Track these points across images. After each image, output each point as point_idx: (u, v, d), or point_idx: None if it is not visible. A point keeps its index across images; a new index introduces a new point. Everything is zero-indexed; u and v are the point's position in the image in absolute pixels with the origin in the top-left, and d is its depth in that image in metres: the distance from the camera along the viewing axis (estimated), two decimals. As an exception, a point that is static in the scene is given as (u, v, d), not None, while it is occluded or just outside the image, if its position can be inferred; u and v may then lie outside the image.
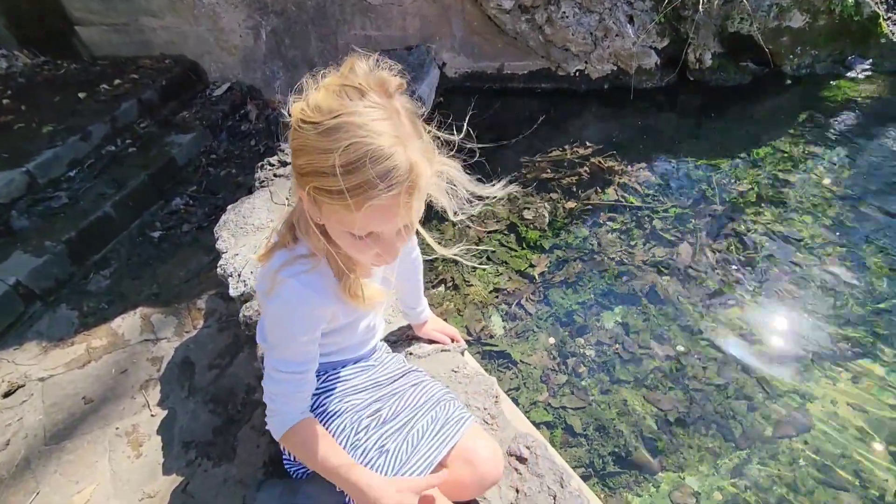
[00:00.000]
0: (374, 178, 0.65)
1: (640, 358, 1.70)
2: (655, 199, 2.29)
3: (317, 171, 0.68)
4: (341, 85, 0.69)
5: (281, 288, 0.80)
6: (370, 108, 0.67)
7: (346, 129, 0.65)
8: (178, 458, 1.51)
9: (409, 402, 1.04)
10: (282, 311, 0.83)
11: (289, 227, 0.85)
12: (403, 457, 0.94)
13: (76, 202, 2.37)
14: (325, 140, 0.66)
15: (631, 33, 2.76)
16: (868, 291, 1.81)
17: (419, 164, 0.69)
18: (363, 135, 0.65)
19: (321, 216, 0.75)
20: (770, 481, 1.39)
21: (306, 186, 0.70)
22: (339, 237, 0.77)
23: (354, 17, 3.02)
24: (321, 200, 0.71)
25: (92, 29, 3.34)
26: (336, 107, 0.67)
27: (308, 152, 0.68)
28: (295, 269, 0.81)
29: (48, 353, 1.88)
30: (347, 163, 0.65)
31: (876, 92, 2.74)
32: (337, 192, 0.66)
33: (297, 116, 0.70)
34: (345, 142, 0.65)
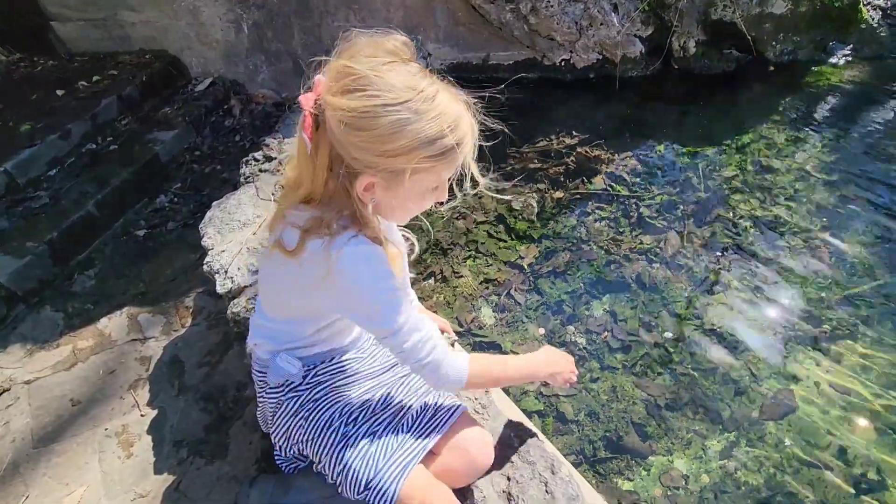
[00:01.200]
0: (465, 133, 0.77)
1: (629, 345, 1.72)
2: (642, 188, 2.30)
3: (426, 141, 0.74)
4: (392, 62, 0.74)
5: (346, 255, 0.80)
6: (430, 78, 0.77)
7: (434, 98, 0.74)
8: (169, 457, 1.51)
9: (399, 391, 1.06)
10: (361, 271, 0.82)
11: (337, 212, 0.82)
12: (395, 444, 0.95)
13: (57, 202, 2.33)
14: (427, 112, 0.73)
15: (615, 22, 2.76)
16: (850, 274, 1.84)
17: (470, 111, 0.81)
18: (447, 98, 0.76)
19: (389, 189, 0.79)
20: (757, 462, 1.42)
21: (412, 161, 0.74)
22: (405, 203, 0.84)
23: (338, 8, 2.98)
24: (423, 167, 0.76)
25: (69, 25, 3.26)
26: (414, 83, 0.73)
27: (410, 129, 0.72)
28: (345, 236, 0.81)
29: (33, 355, 1.85)
30: (449, 125, 0.75)
31: (857, 77, 2.78)
32: (448, 151, 0.76)
33: (372, 103, 0.71)
34: (441, 107, 0.74)
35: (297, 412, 1.01)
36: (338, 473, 0.95)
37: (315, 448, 0.98)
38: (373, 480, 0.91)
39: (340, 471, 0.94)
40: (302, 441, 1.01)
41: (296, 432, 1.01)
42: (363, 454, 0.94)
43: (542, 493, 0.94)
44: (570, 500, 0.91)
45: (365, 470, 0.92)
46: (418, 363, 0.88)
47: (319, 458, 0.98)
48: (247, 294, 1.45)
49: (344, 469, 0.94)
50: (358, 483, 0.92)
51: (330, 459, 0.96)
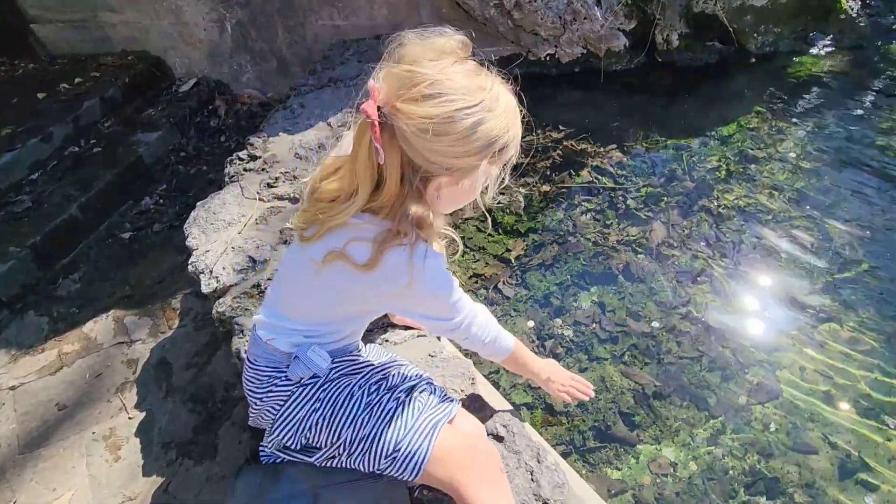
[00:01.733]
0: (519, 124, 0.82)
1: (617, 336, 1.73)
2: (628, 180, 2.31)
3: (498, 136, 0.77)
4: (455, 62, 0.77)
5: (430, 268, 0.85)
6: (486, 72, 0.80)
7: (499, 94, 0.79)
8: (158, 459, 1.50)
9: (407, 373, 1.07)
10: (439, 282, 0.90)
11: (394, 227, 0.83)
12: (419, 407, 0.97)
13: (40, 205, 2.30)
14: (497, 109, 0.77)
15: (599, 16, 2.77)
16: (832, 261, 1.86)
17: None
18: (505, 91, 0.81)
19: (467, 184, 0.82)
20: (744, 448, 1.43)
21: (485, 158, 0.78)
22: (460, 199, 0.87)
23: (322, 6, 2.97)
24: (494, 161, 0.80)
25: (48, 27, 3.22)
26: (481, 83, 0.77)
27: (485, 128, 0.75)
28: (422, 248, 0.84)
29: (18, 360, 1.83)
30: (514, 110, 0.81)
31: (837, 67, 2.81)
32: (511, 144, 0.81)
33: (450, 108, 0.72)
34: (505, 102, 0.79)
35: (313, 395, 0.99)
36: (360, 442, 0.93)
37: (332, 424, 0.95)
38: (402, 441, 0.90)
39: (364, 437, 0.92)
40: (317, 422, 0.97)
41: (310, 416, 0.98)
42: (390, 417, 0.93)
43: (527, 482, 0.94)
44: (556, 488, 0.92)
45: (393, 432, 0.91)
46: (482, 342, 1.01)
47: (338, 434, 0.95)
48: (232, 293, 1.44)
49: (369, 435, 0.92)
50: (386, 446, 0.91)
51: (352, 430, 0.93)
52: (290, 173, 1.88)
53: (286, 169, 1.90)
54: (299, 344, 0.97)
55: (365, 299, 0.92)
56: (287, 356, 0.97)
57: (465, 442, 0.94)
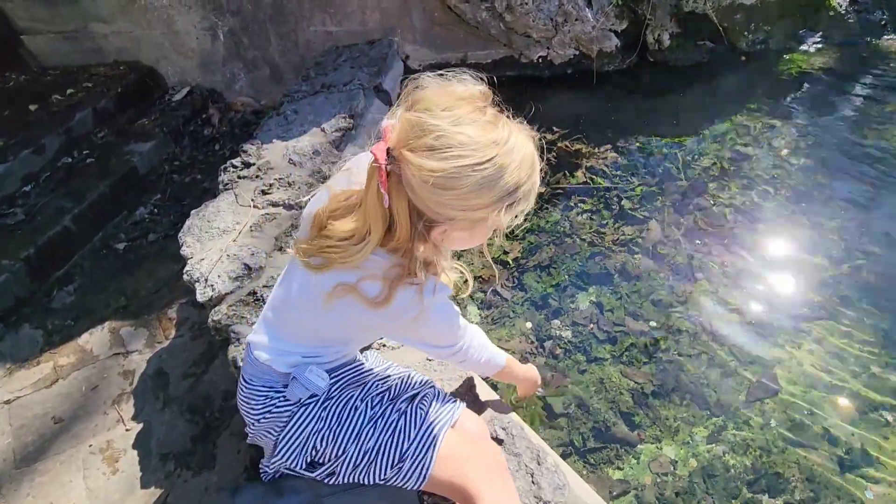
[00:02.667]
0: (538, 165, 0.80)
1: (615, 336, 1.73)
2: (623, 180, 2.32)
3: (512, 189, 0.75)
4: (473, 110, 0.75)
5: (437, 303, 0.89)
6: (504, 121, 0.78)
7: (513, 148, 0.75)
8: (156, 471, 1.48)
9: (406, 382, 1.07)
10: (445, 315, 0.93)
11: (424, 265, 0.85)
12: (420, 418, 0.97)
13: (33, 218, 2.29)
14: (510, 165, 0.74)
15: (590, 17, 2.78)
16: (827, 256, 1.87)
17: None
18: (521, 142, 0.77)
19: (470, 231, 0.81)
20: (743, 445, 1.43)
21: (495, 211, 0.76)
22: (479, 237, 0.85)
23: (313, 12, 2.97)
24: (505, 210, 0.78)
25: (39, 38, 3.21)
26: (495, 137, 0.74)
27: (498, 181, 0.73)
28: (430, 284, 0.86)
29: (13, 374, 1.81)
30: (531, 161, 0.78)
31: (827, 64, 2.83)
32: (529, 193, 0.79)
33: (460, 164, 0.71)
34: (519, 155, 0.75)
35: (316, 414, 0.98)
36: (364, 455, 0.93)
37: (336, 439, 0.95)
38: (407, 451, 0.91)
39: (368, 450, 0.93)
40: (321, 439, 0.97)
41: (314, 435, 0.97)
42: (393, 428, 0.94)
43: (528, 484, 0.94)
44: (557, 490, 0.92)
45: (397, 443, 0.92)
46: (477, 363, 1.05)
47: (343, 448, 0.95)
48: (228, 301, 1.44)
49: (373, 448, 0.93)
50: (391, 458, 0.91)
51: (356, 444, 0.94)
52: (285, 179, 1.88)
53: (280, 175, 1.90)
54: (296, 364, 0.96)
55: (371, 329, 0.95)
56: (284, 376, 0.96)
57: (469, 447, 0.95)
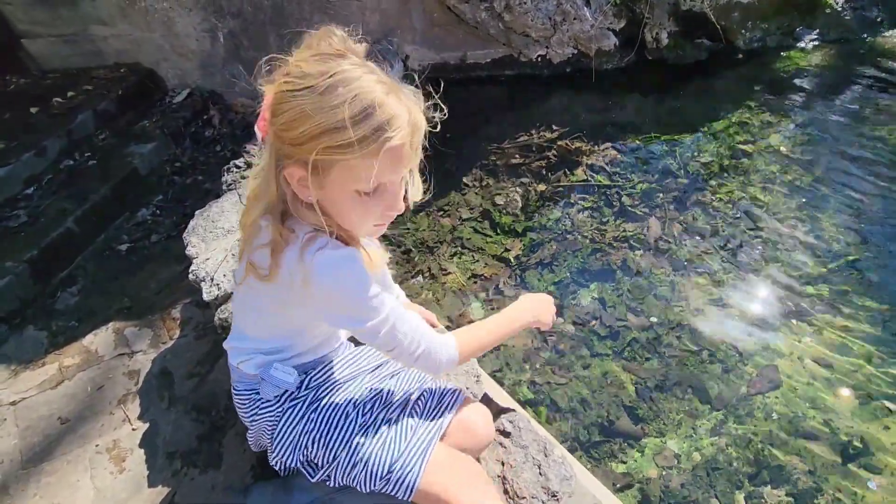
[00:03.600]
0: (384, 123, 0.70)
1: (618, 331, 1.75)
2: (623, 177, 2.34)
3: (327, 129, 0.69)
4: (320, 53, 0.73)
5: (320, 261, 0.77)
6: (356, 66, 0.72)
7: (346, 83, 0.69)
8: (163, 470, 1.49)
9: (400, 382, 1.07)
10: (340, 277, 0.79)
11: (282, 220, 0.81)
12: (411, 427, 0.97)
13: (36, 220, 2.29)
14: (329, 97, 0.69)
15: (588, 16, 2.80)
16: (826, 250, 1.89)
17: (414, 109, 0.75)
18: (363, 86, 0.70)
19: (321, 187, 0.74)
20: (746, 437, 1.45)
21: (314, 151, 0.70)
22: (343, 205, 0.77)
23: (313, 14, 2.99)
24: (333, 161, 0.71)
25: (39, 41, 3.21)
26: (325, 69, 0.70)
27: (310, 115, 0.69)
28: (319, 243, 0.78)
29: (18, 375, 1.82)
30: (357, 112, 0.68)
31: (824, 61, 2.85)
32: (353, 144, 0.69)
33: (282, 89, 0.71)
34: (350, 94, 0.69)
35: (304, 414, 0.99)
36: (354, 464, 0.93)
37: (328, 444, 0.96)
38: (396, 463, 0.91)
39: (358, 460, 0.93)
40: (312, 442, 0.98)
41: (304, 436, 0.99)
42: (383, 440, 0.94)
43: (535, 476, 0.95)
44: (564, 481, 0.93)
45: (386, 455, 0.92)
46: (411, 356, 0.88)
47: (334, 455, 0.95)
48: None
49: (363, 458, 0.93)
50: (380, 469, 0.92)
51: (347, 452, 0.94)
52: (288, 180, 1.89)
53: (283, 175, 1.90)
54: (263, 364, 0.98)
55: (288, 306, 0.87)
56: (256, 378, 0.99)
57: (456, 461, 0.95)
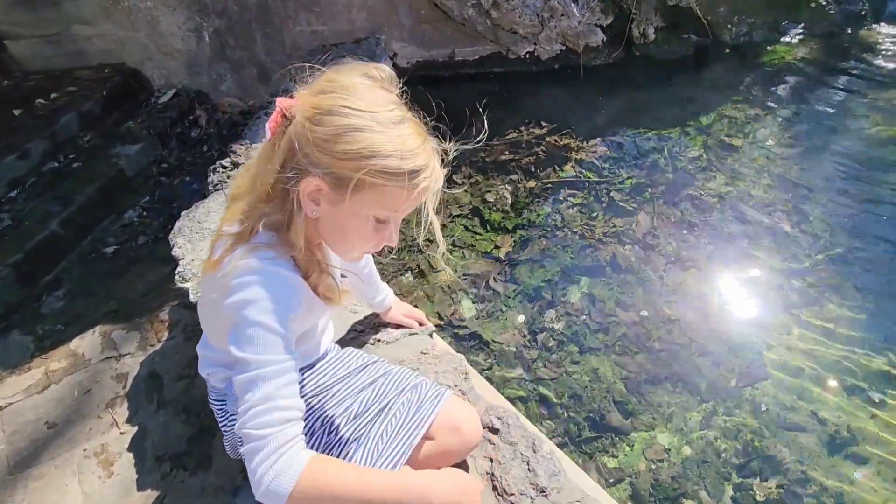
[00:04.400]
0: (424, 165, 0.73)
1: (608, 326, 1.75)
2: (612, 172, 2.34)
3: (384, 154, 0.71)
4: (373, 78, 0.76)
5: (249, 273, 0.72)
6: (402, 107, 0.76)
7: (406, 120, 0.74)
8: (152, 473, 1.47)
9: (379, 391, 1.04)
10: (251, 296, 0.71)
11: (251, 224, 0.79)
12: (381, 444, 0.95)
13: (20, 223, 2.26)
14: (393, 128, 0.72)
15: (576, 12, 2.80)
16: (813, 243, 1.90)
17: (437, 160, 0.78)
18: (416, 125, 0.75)
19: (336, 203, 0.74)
20: (735, 429, 1.46)
21: (361, 170, 0.70)
22: (350, 225, 0.77)
23: (299, 12, 2.96)
24: (375, 184, 0.72)
25: (21, 42, 3.17)
26: (383, 99, 0.74)
27: (372, 136, 0.71)
28: (262, 254, 0.76)
29: (4, 380, 1.79)
30: (413, 148, 0.72)
31: (809, 55, 2.87)
32: (403, 175, 0.71)
33: (336, 103, 0.71)
34: (409, 130, 0.73)
35: None
36: None
37: None
38: None
39: None
40: None
41: None
42: (349, 458, 0.93)
43: (524, 472, 0.95)
44: (552, 477, 0.93)
45: None
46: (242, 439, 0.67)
47: None
48: (221, 301, 1.43)
49: None
50: None
51: None
52: (275, 179, 1.87)
53: (270, 175, 1.89)
54: (226, 379, 0.97)
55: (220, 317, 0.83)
56: (222, 392, 0.99)
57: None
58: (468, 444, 0.99)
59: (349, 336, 1.30)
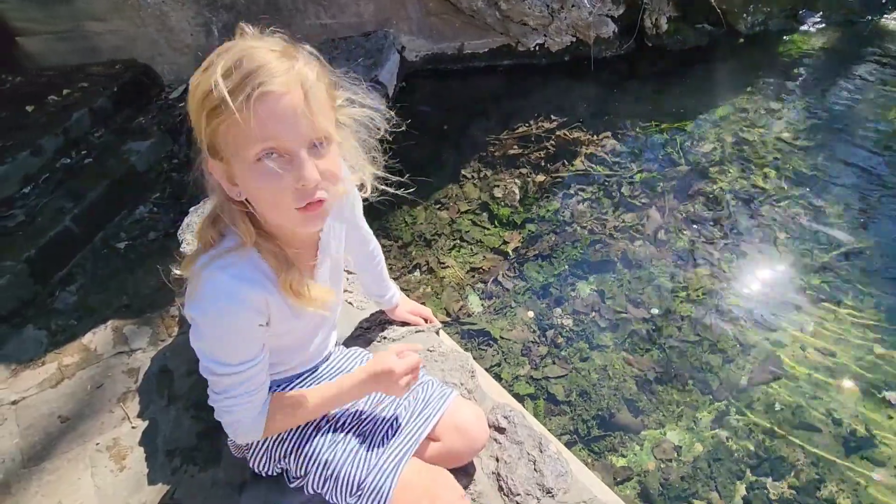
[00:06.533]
0: (253, 71, 0.63)
1: (617, 323, 1.73)
2: (622, 167, 2.30)
3: (204, 95, 0.65)
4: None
5: (206, 285, 0.72)
6: (245, 38, 0.70)
7: (226, 50, 0.67)
8: (162, 467, 1.49)
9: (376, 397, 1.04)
10: (208, 310, 0.73)
11: (211, 221, 0.78)
12: (387, 439, 0.95)
13: (34, 219, 2.29)
14: (206, 65, 0.66)
15: (587, 3, 2.75)
16: (830, 238, 1.86)
17: (303, 67, 0.68)
18: (239, 45, 0.67)
19: (231, 175, 0.70)
20: (748, 429, 1.43)
21: (203, 129, 0.67)
22: (252, 183, 0.69)
23: (307, 5, 2.95)
24: (217, 130, 0.66)
25: (35, 39, 3.20)
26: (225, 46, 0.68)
27: (193, 89, 0.66)
28: (223, 262, 0.74)
29: (18, 375, 1.82)
30: (228, 68, 0.64)
31: (828, 44, 2.79)
32: (224, 99, 0.62)
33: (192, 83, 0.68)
34: (223, 54, 0.66)
35: None
36: (326, 479, 0.93)
37: (301, 458, 0.96)
38: (366, 479, 0.90)
39: (329, 476, 0.93)
40: (284, 454, 0.98)
41: (277, 448, 0.99)
42: (353, 456, 0.93)
43: (530, 472, 0.94)
44: (559, 477, 0.92)
45: (356, 471, 0.91)
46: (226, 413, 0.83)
47: (305, 469, 0.96)
48: (229, 297, 1.44)
49: (334, 473, 0.92)
50: (350, 485, 0.91)
51: (317, 467, 0.94)
52: (283, 175, 1.87)
53: (278, 171, 1.89)
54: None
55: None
56: None
57: (428, 476, 0.93)
58: (474, 446, 0.99)
59: (355, 333, 1.30)
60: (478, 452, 1.01)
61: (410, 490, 0.89)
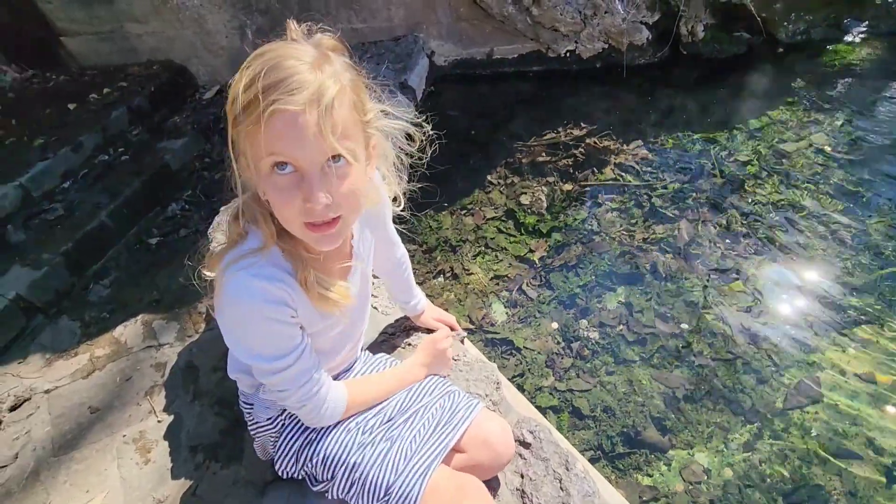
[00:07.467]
0: (274, 84, 0.62)
1: (645, 337, 1.69)
2: (653, 177, 2.25)
3: (230, 100, 0.65)
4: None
5: (228, 286, 0.73)
6: (286, 43, 0.68)
7: (261, 54, 0.65)
8: (186, 462, 1.51)
9: (413, 395, 1.04)
10: (234, 312, 0.75)
11: (234, 217, 0.78)
12: (415, 445, 0.94)
13: (72, 213, 2.36)
14: (245, 64, 0.65)
15: (620, 9, 2.71)
16: (873, 257, 1.78)
17: (328, 81, 0.65)
18: (273, 52, 0.65)
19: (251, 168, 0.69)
20: (782, 454, 1.37)
21: (233, 130, 0.67)
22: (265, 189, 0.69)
23: (339, 10, 2.98)
24: (239, 136, 0.66)
25: (78, 39, 3.31)
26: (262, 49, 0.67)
27: (229, 89, 0.66)
28: (245, 262, 0.74)
29: (52, 364, 1.88)
30: (249, 78, 0.63)
31: (874, 55, 2.69)
32: (243, 110, 0.63)
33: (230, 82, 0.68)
34: (256, 59, 0.65)
35: (304, 428, 0.98)
36: (352, 483, 0.93)
37: (326, 461, 0.95)
38: (394, 484, 0.89)
39: (356, 479, 0.92)
40: (311, 457, 0.98)
41: (304, 450, 0.98)
42: (381, 460, 0.92)
43: (556, 491, 0.92)
44: (586, 497, 0.89)
45: (384, 475, 0.90)
46: (299, 403, 0.86)
47: (332, 472, 0.95)
48: (256, 297, 1.45)
49: (361, 477, 0.91)
50: (378, 490, 0.90)
51: (344, 471, 0.93)
52: (312, 177, 1.89)
53: (307, 173, 1.91)
54: (251, 386, 0.97)
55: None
56: (249, 397, 0.99)
57: (459, 483, 0.92)
58: (500, 460, 0.97)
59: (380, 339, 1.29)
60: (504, 467, 0.99)
61: (439, 496, 0.88)
